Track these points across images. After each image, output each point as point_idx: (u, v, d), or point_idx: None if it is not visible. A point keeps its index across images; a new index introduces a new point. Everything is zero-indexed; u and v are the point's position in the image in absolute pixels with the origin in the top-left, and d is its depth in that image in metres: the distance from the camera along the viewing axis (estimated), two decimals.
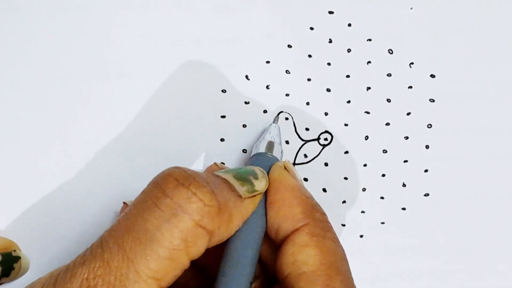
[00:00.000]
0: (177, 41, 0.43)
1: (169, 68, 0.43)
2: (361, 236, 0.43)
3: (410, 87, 0.43)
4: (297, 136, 0.43)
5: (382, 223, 0.43)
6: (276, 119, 0.42)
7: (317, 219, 0.35)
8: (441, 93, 0.43)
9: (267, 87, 0.43)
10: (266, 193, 0.37)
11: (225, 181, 0.34)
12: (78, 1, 0.43)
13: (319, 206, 0.36)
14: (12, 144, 0.42)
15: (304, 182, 0.42)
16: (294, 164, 0.43)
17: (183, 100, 0.43)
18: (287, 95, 0.43)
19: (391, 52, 0.43)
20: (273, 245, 0.37)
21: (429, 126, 0.43)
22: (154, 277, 0.30)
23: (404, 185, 0.43)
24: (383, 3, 0.43)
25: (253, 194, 0.35)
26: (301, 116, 0.43)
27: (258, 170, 0.36)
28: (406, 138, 0.43)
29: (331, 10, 0.43)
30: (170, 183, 0.32)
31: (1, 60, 0.42)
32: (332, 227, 0.36)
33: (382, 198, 0.43)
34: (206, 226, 0.31)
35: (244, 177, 0.35)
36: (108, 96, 0.42)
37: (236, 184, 0.34)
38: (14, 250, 0.40)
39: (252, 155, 0.40)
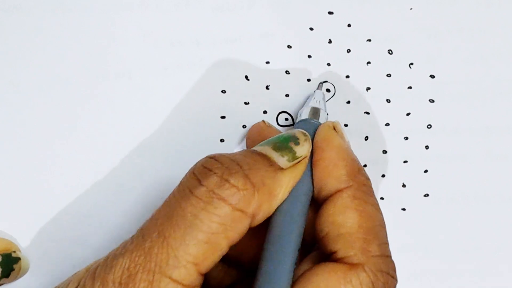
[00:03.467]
0: (177, 41, 0.43)
1: (169, 68, 0.43)
2: None
3: (410, 87, 0.43)
4: None
5: None
6: (320, 86, 0.42)
7: (361, 183, 0.35)
8: (440, 93, 0.43)
9: (267, 87, 0.43)
10: (312, 153, 0.36)
11: (262, 157, 0.34)
12: (78, 1, 0.43)
13: (364, 170, 0.36)
14: (11, 144, 0.42)
15: None
16: None
17: (183, 100, 0.43)
18: (287, 95, 0.43)
19: (390, 52, 0.43)
20: (312, 204, 0.37)
21: (429, 126, 0.43)
22: (193, 262, 0.31)
23: (404, 185, 0.43)
24: (383, 4, 0.43)
25: (296, 161, 0.35)
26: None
27: (299, 133, 0.36)
28: (406, 138, 0.43)
29: (331, 10, 0.43)
30: (204, 172, 0.32)
31: (1, 60, 0.42)
32: (374, 193, 0.36)
33: (382, 198, 0.43)
34: (244, 209, 0.32)
35: (284, 146, 0.35)
36: (107, 96, 0.42)
37: (275, 156, 0.34)
38: (14, 251, 0.40)
39: (296, 121, 0.40)
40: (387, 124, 0.43)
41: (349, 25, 0.43)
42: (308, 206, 0.36)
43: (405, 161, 0.43)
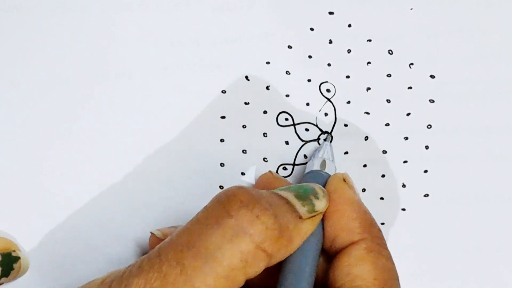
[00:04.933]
0: (177, 41, 0.43)
1: (169, 68, 0.43)
2: None
3: (410, 87, 0.43)
4: (297, 137, 0.43)
5: (382, 223, 0.43)
6: (328, 138, 0.43)
7: (374, 235, 0.36)
8: (441, 93, 0.43)
9: (267, 87, 0.43)
10: None
11: (287, 202, 0.34)
12: (78, 1, 0.43)
13: (376, 222, 0.37)
14: (11, 144, 0.42)
15: None
16: (294, 164, 0.43)
17: (183, 100, 0.43)
18: (287, 95, 0.43)
19: (391, 52, 0.43)
20: (324, 255, 0.37)
21: (429, 126, 0.43)
22: None
23: (403, 185, 0.43)
24: (383, 4, 0.43)
25: (313, 214, 0.35)
26: (301, 117, 0.43)
27: (319, 189, 0.36)
28: (406, 138, 0.43)
29: (331, 10, 0.43)
30: (234, 203, 0.32)
31: (1, 60, 0.42)
32: (386, 244, 0.36)
33: (382, 198, 0.43)
34: (267, 249, 0.32)
35: (305, 197, 0.35)
36: (107, 96, 0.42)
37: (297, 204, 0.34)
38: (14, 250, 0.40)
39: (306, 172, 0.40)
40: (387, 124, 0.43)
41: (349, 25, 0.43)
42: (319, 254, 0.36)
43: (405, 161, 0.43)
